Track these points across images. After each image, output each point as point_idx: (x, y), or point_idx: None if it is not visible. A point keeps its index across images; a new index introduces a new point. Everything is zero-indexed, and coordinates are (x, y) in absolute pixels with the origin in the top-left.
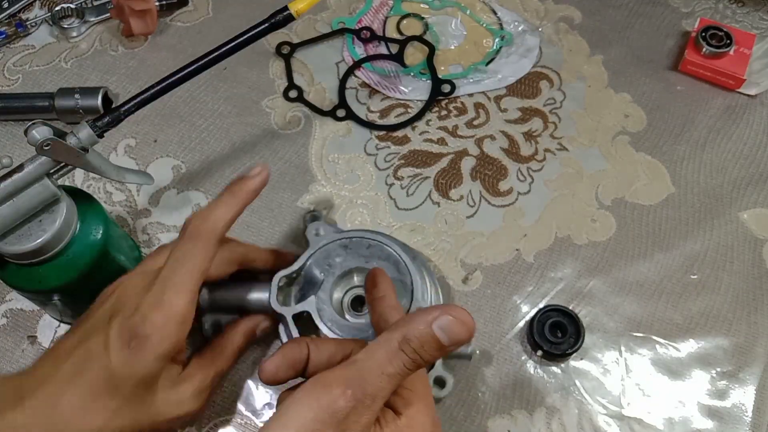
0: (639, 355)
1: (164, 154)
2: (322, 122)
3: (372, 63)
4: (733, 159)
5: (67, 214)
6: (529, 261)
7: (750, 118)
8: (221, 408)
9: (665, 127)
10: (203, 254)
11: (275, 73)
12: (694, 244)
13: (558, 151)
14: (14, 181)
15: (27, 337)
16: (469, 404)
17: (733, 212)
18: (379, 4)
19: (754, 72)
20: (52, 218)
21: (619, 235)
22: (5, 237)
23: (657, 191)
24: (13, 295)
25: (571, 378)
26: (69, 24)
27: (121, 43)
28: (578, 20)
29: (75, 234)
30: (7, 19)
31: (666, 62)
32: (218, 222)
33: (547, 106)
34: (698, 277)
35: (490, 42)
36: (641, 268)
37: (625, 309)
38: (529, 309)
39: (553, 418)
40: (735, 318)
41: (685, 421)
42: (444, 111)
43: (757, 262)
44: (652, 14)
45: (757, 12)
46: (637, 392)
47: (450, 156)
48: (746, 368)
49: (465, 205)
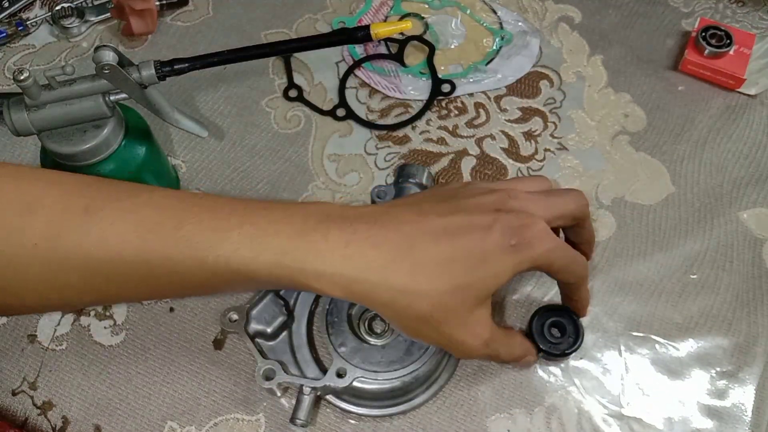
0: (638, 354)
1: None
2: (322, 122)
3: (372, 62)
4: (733, 159)
5: (110, 134)
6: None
7: (750, 117)
8: (221, 408)
9: (665, 126)
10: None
11: (275, 72)
12: (694, 244)
13: (558, 151)
14: (70, 90)
15: (27, 336)
16: (469, 404)
17: (733, 212)
18: (379, 3)
19: (754, 72)
20: (95, 133)
21: (618, 235)
22: (50, 134)
23: (657, 191)
24: None
25: (570, 377)
26: (69, 23)
27: (121, 42)
28: (578, 20)
29: (116, 150)
30: (8, 19)
31: (666, 62)
32: None
33: (547, 105)
34: (698, 277)
35: (490, 42)
36: (641, 267)
37: (625, 308)
38: (528, 309)
39: (553, 418)
40: (735, 318)
41: (684, 421)
42: (444, 111)
43: (757, 262)
44: (652, 14)
45: (757, 12)
46: (636, 392)
47: (450, 156)
48: (746, 368)
49: None
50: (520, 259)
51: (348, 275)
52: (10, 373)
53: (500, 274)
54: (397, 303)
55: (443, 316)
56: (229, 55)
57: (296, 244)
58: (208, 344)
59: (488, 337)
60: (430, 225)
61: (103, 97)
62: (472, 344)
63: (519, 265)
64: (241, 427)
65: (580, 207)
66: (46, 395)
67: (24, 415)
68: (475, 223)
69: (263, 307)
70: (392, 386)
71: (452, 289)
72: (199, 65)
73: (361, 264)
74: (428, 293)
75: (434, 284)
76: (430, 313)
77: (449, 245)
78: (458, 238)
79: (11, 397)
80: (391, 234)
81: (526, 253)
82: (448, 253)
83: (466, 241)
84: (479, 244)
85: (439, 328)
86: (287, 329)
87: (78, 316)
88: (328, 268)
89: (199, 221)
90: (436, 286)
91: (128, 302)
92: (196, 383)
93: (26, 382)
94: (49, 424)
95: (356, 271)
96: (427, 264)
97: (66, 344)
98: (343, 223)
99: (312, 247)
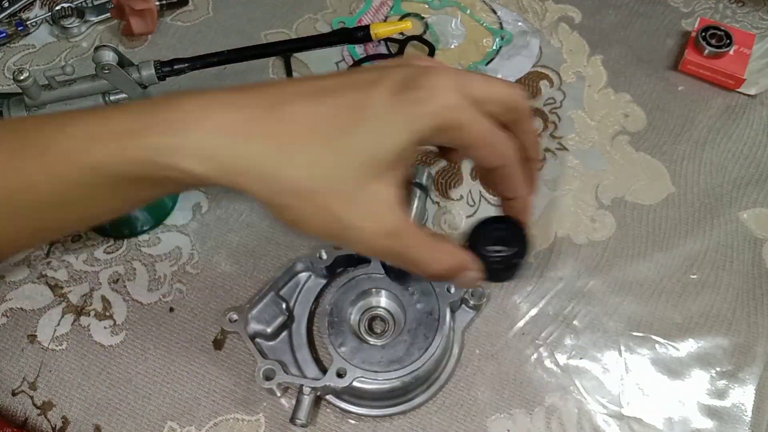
0: (638, 354)
1: None
2: None
3: (372, 62)
4: (733, 159)
5: None
6: (528, 260)
7: (750, 117)
8: (221, 408)
9: (665, 126)
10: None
11: (275, 72)
12: (694, 244)
13: (558, 151)
14: (70, 90)
15: (27, 336)
16: (469, 404)
17: (733, 212)
18: (379, 3)
19: (754, 72)
20: None
21: (618, 235)
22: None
23: (657, 191)
24: (13, 294)
25: (570, 377)
26: (69, 23)
27: (121, 42)
28: (578, 20)
29: None
30: (8, 19)
31: (666, 62)
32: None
33: (547, 105)
34: (698, 277)
35: (490, 42)
36: (641, 267)
37: (625, 308)
38: (528, 308)
39: (553, 418)
40: (735, 318)
41: (684, 421)
42: None
43: (757, 262)
44: (652, 14)
45: (757, 12)
46: (636, 392)
47: None
48: (746, 368)
49: (465, 205)
50: (414, 115)
51: (206, 143)
52: (10, 373)
53: (390, 135)
54: (263, 170)
55: (321, 185)
56: (229, 55)
57: (144, 121)
58: (208, 344)
59: (392, 226)
60: (307, 85)
61: (103, 97)
62: (370, 229)
63: (414, 123)
64: (241, 427)
65: (514, 95)
66: (46, 395)
67: (24, 415)
68: (359, 79)
69: (263, 307)
70: (392, 386)
71: (329, 151)
72: (199, 65)
73: (220, 127)
74: (299, 155)
75: (306, 145)
76: (298, 180)
77: (324, 103)
78: (336, 94)
79: (11, 397)
80: (258, 94)
81: (420, 107)
82: (323, 110)
83: (344, 97)
84: (361, 97)
85: (319, 203)
86: (287, 329)
87: (78, 316)
88: (180, 138)
89: (61, 129)
90: (308, 147)
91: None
92: (196, 383)
93: (26, 382)
94: (49, 424)
95: (215, 137)
96: (298, 122)
97: (66, 344)
98: (201, 92)
99: (162, 119)
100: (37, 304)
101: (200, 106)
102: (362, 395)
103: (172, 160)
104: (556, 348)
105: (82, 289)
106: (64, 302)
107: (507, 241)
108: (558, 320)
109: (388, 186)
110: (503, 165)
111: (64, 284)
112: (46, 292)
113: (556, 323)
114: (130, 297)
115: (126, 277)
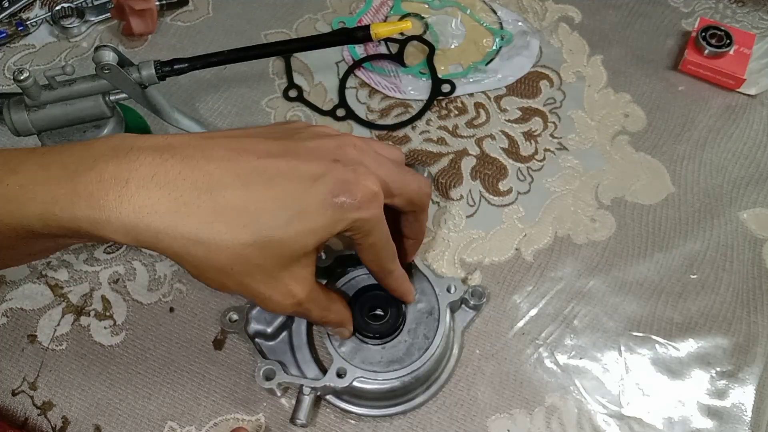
0: (638, 354)
1: None
2: (322, 122)
3: (372, 63)
4: (733, 159)
5: (110, 134)
6: (528, 260)
7: (750, 117)
8: (221, 408)
9: (665, 126)
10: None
11: (275, 72)
12: (694, 244)
13: (558, 151)
14: (70, 90)
15: (27, 336)
16: (469, 403)
17: (733, 212)
18: (379, 3)
19: (754, 72)
20: (95, 133)
21: (618, 235)
22: (50, 134)
23: (657, 191)
24: (13, 294)
25: (570, 377)
26: (69, 23)
27: (121, 42)
28: (578, 20)
29: None
30: (8, 19)
31: (666, 62)
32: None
33: (547, 105)
34: (698, 277)
35: (490, 42)
36: (641, 267)
37: (625, 308)
38: (528, 308)
39: (553, 418)
40: (735, 318)
41: (684, 421)
42: (444, 110)
43: (757, 262)
44: (652, 14)
45: (757, 12)
46: (636, 392)
47: (450, 155)
48: (746, 368)
49: (465, 205)
50: (342, 217)
51: (125, 221)
52: (10, 373)
53: (317, 231)
54: (191, 253)
55: (245, 269)
56: (229, 55)
57: (66, 188)
58: (208, 344)
59: (303, 297)
60: (244, 165)
61: (103, 97)
62: (281, 302)
63: (339, 223)
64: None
65: (422, 193)
66: (46, 395)
67: (24, 415)
68: (302, 170)
69: None
70: (392, 386)
71: (257, 243)
72: (199, 65)
73: (142, 207)
74: (227, 245)
75: (235, 235)
76: (230, 266)
77: (261, 192)
78: (275, 185)
79: (11, 397)
80: (190, 171)
81: (348, 213)
82: (258, 201)
83: (283, 190)
84: (300, 195)
85: (243, 281)
86: (287, 329)
87: (78, 316)
88: (100, 213)
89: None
90: (236, 237)
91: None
92: (196, 383)
93: (26, 382)
94: (49, 424)
95: (135, 217)
96: (230, 211)
97: (66, 344)
98: (127, 157)
99: (83, 190)
100: (37, 304)
101: (123, 179)
102: (362, 395)
103: (97, 232)
104: (556, 348)
105: (82, 289)
106: (64, 302)
107: (386, 310)
108: (558, 320)
109: (307, 265)
110: (379, 271)
111: (64, 284)
112: (46, 292)
113: (556, 323)
114: (130, 297)
115: (126, 277)
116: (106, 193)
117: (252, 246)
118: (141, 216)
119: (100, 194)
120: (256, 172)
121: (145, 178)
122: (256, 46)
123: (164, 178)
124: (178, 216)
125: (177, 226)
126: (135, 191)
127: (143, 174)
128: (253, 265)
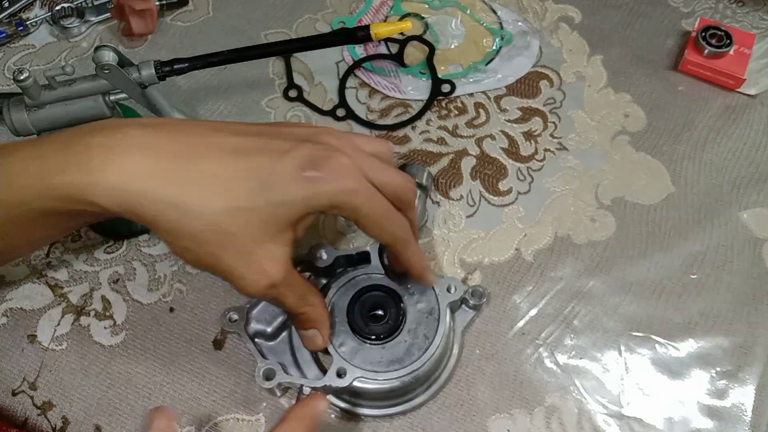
0: (639, 354)
1: None
2: (322, 122)
3: (372, 63)
4: (733, 159)
5: None
6: (528, 260)
7: (750, 117)
8: (221, 408)
9: (665, 126)
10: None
11: (275, 72)
12: (694, 244)
13: (558, 151)
14: (70, 90)
15: (27, 336)
16: (469, 403)
17: (733, 212)
18: (379, 3)
19: (754, 72)
20: None
21: (618, 235)
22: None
23: (657, 191)
24: (13, 294)
25: (570, 377)
26: (69, 23)
27: (121, 42)
28: (578, 20)
29: None
30: (8, 19)
31: (666, 62)
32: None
33: (547, 105)
34: (698, 277)
35: (490, 42)
36: (641, 267)
37: (625, 308)
38: (528, 308)
39: (553, 418)
40: (735, 318)
41: (684, 421)
42: (444, 111)
43: (757, 262)
44: (652, 14)
45: (757, 12)
46: (636, 392)
47: (450, 155)
48: (746, 368)
49: (465, 205)
50: (314, 192)
51: (109, 183)
52: (10, 373)
53: (288, 204)
54: (165, 217)
55: (219, 238)
56: (229, 55)
57: (57, 158)
58: (208, 344)
59: (278, 279)
60: (219, 141)
61: (103, 97)
62: (255, 282)
63: (311, 199)
64: (241, 427)
65: (406, 188)
66: (46, 395)
67: (24, 415)
68: (270, 146)
69: (263, 307)
70: (392, 386)
71: (230, 210)
72: (199, 65)
73: (124, 170)
74: (201, 210)
75: (209, 201)
76: (202, 233)
77: (233, 163)
78: (246, 157)
79: (11, 397)
80: (168, 143)
81: (320, 186)
82: (231, 170)
83: (252, 162)
84: (267, 166)
85: (215, 252)
86: (287, 329)
87: (78, 316)
88: (87, 177)
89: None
90: (210, 203)
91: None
92: (196, 383)
93: (26, 382)
94: (49, 424)
95: (118, 178)
96: (205, 179)
97: (66, 344)
98: (113, 130)
99: (72, 158)
100: (37, 304)
101: (108, 147)
102: (362, 395)
103: (85, 196)
104: (556, 348)
105: (82, 289)
106: (64, 302)
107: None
108: (558, 320)
109: (282, 246)
110: (393, 243)
111: (64, 284)
112: (46, 292)
113: (556, 323)
114: (130, 297)
115: (126, 277)
116: (92, 159)
117: (223, 213)
118: (123, 178)
119: (87, 160)
120: (230, 146)
121: (130, 146)
122: (256, 46)
123: (146, 146)
124: (158, 180)
125: (156, 189)
126: (119, 156)
127: (128, 143)
128: (226, 234)
